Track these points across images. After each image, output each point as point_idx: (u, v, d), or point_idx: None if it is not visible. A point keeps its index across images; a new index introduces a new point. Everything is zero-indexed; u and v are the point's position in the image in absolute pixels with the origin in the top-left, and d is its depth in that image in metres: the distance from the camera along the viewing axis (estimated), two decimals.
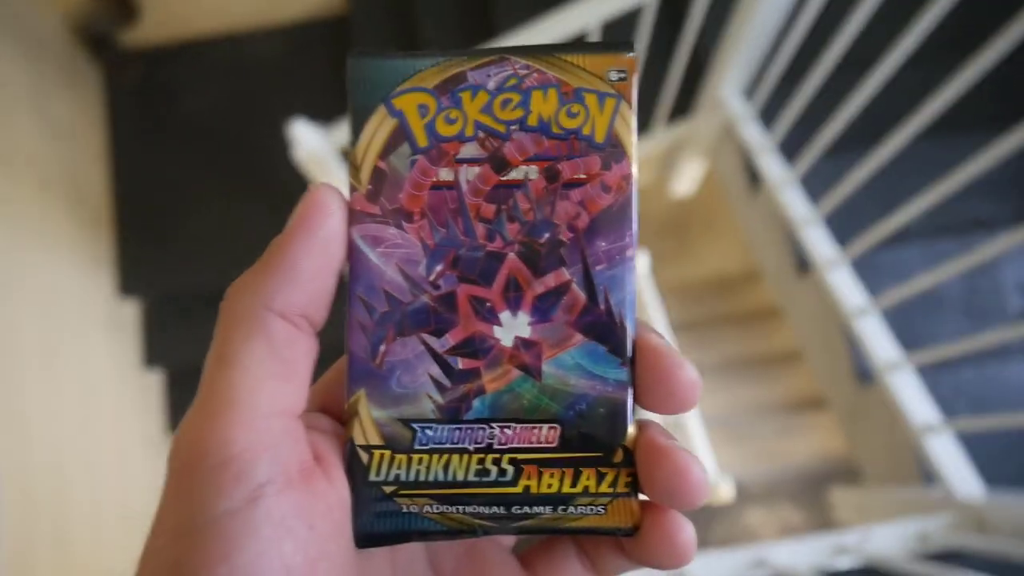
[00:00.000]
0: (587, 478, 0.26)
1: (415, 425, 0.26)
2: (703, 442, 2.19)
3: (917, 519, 1.06)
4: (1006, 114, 1.70)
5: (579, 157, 0.26)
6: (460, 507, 0.26)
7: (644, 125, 2.03)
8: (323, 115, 2.96)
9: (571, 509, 0.26)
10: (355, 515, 0.26)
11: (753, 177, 1.79)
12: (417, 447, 0.26)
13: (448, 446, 0.26)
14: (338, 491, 0.25)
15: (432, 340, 0.27)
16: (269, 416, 0.24)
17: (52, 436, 2.39)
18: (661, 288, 3.88)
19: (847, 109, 1.30)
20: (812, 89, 1.41)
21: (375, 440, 0.26)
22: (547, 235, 0.26)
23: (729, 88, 1.75)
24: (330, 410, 0.28)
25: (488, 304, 0.26)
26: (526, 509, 0.26)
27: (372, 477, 0.26)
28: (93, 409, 2.37)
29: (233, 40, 3.18)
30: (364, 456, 0.26)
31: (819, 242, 1.48)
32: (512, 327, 0.26)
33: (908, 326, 1.47)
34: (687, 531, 0.26)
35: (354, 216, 0.26)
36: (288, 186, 1.90)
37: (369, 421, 0.26)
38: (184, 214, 3.00)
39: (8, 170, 2.42)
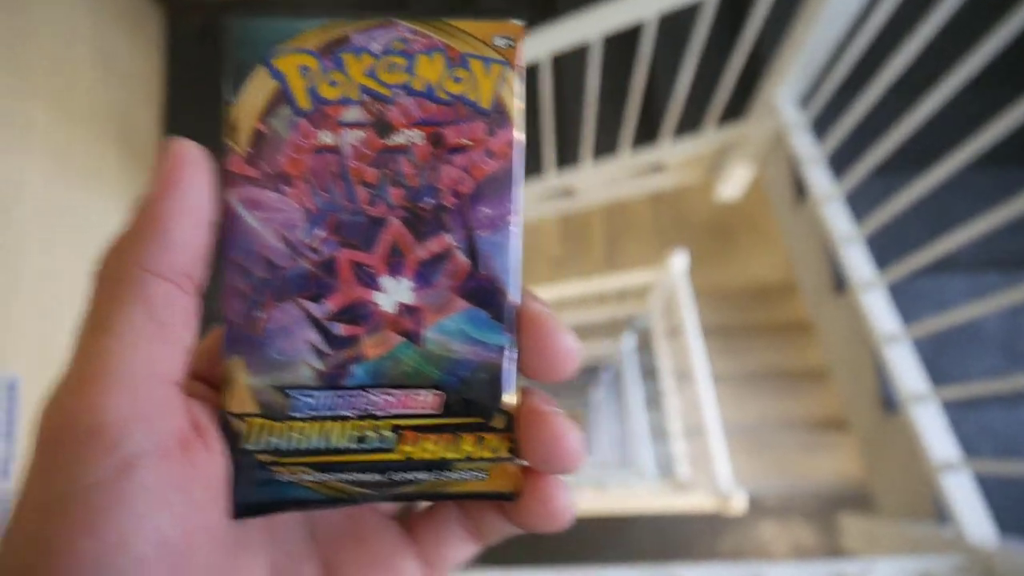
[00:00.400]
0: (468, 443, 0.26)
1: (292, 392, 0.25)
2: (721, 449, 2.17)
3: (923, 557, 1.03)
4: None
5: (464, 122, 0.25)
6: (339, 475, 0.25)
7: (695, 123, 2.01)
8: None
9: (452, 474, 0.26)
10: (231, 485, 0.25)
11: (800, 188, 1.75)
12: (294, 415, 0.25)
13: (327, 413, 0.25)
14: (217, 461, 0.24)
15: (311, 306, 0.26)
16: (145, 382, 0.22)
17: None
18: (700, 290, 3.86)
19: (901, 129, 1.26)
20: (868, 105, 1.37)
21: (250, 408, 0.25)
22: (431, 200, 0.25)
23: (784, 95, 1.70)
24: (211, 377, 0.27)
25: (370, 269, 0.25)
26: (406, 475, 0.26)
27: (247, 445, 0.25)
28: None
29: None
30: (238, 425, 0.25)
31: (858, 261, 1.44)
32: (394, 292, 0.25)
33: (942, 358, 1.42)
34: (564, 496, 0.26)
35: (232, 179, 0.25)
36: None
37: (244, 389, 0.25)
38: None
39: (62, 104, 2.46)
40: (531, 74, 1.69)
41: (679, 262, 2.63)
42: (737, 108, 1.98)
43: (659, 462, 3.57)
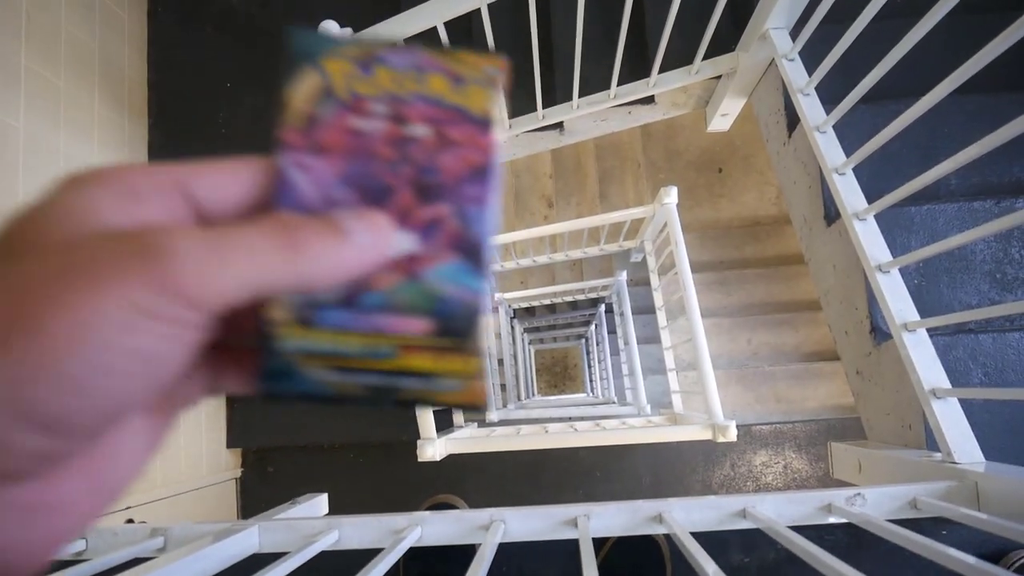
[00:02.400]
0: (450, 362, 0.32)
1: (319, 309, 0.31)
2: (712, 381, 2.20)
3: (911, 485, 1.04)
4: None
5: (460, 125, 0.33)
6: (350, 376, 0.32)
7: (686, 56, 1.98)
8: (359, 7, 2.91)
9: (436, 384, 0.33)
10: (261, 375, 0.31)
11: (791, 120, 1.73)
12: (320, 324, 0.31)
13: (346, 327, 0.32)
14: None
15: None
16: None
17: None
18: (693, 226, 3.85)
19: (890, 57, 1.23)
20: (856, 33, 1.33)
21: (286, 316, 0.31)
22: (432, 178, 0.33)
23: (775, 24, 1.67)
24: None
25: None
26: (401, 381, 0.32)
27: (280, 345, 0.31)
28: None
29: None
30: (275, 328, 0.31)
31: (849, 191, 1.43)
32: (401, 242, 0.32)
33: (933, 285, 1.43)
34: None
35: (285, 146, 0.32)
36: None
37: (283, 301, 0.31)
38: (216, 108, 2.99)
39: (49, 49, 2.42)
40: (520, 7, 1.65)
41: (670, 198, 2.61)
42: (728, 39, 1.94)
43: (654, 395, 3.60)
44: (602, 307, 4.88)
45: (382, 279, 0.32)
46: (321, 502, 1.32)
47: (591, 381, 6.30)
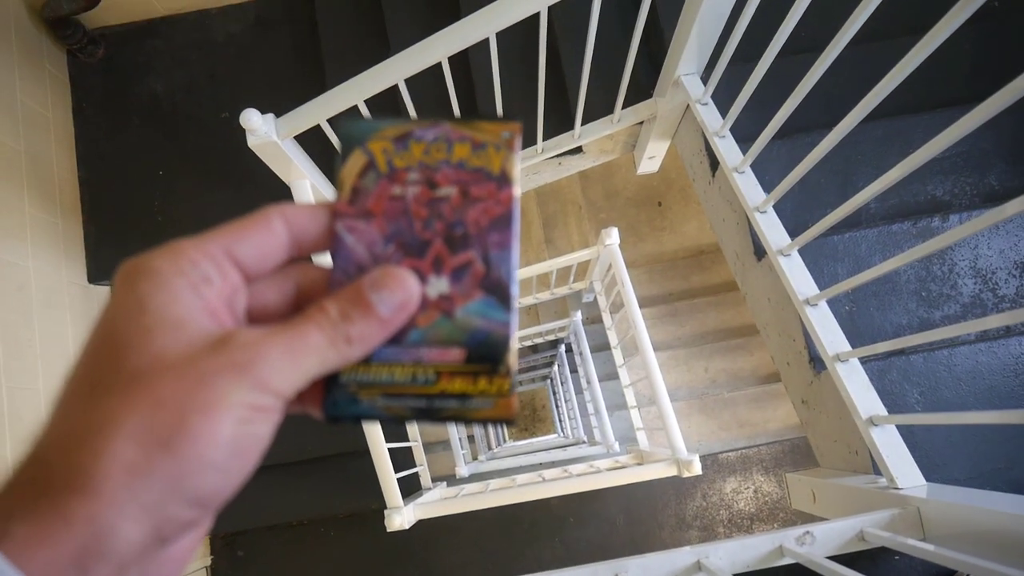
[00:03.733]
0: (482, 383, 0.38)
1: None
2: (671, 416, 2.21)
3: (857, 517, 1.06)
4: (958, 97, 1.70)
5: (483, 183, 0.40)
6: (399, 401, 0.38)
7: (606, 106, 2.03)
8: (284, 91, 2.93)
9: (471, 403, 0.38)
10: (326, 403, 0.37)
11: (713, 161, 1.78)
12: (373, 360, 0.38)
13: (393, 360, 0.38)
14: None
15: None
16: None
17: (24, 427, 2.39)
18: (639, 261, 3.90)
19: (797, 92, 1.27)
20: (763, 70, 1.38)
21: None
22: (461, 230, 0.39)
23: (685, 70, 1.72)
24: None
25: (421, 271, 0.39)
26: (441, 403, 0.38)
27: (342, 379, 0.37)
28: None
29: (194, 20, 3.11)
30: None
31: (771, 229, 1.47)
32: (436, 286, 0.39)
33: (863, 310, 1.47)
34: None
35: (338, 214, 0.39)
36: (250, 165, 1.88)
37: None
38: (150, 197, 2.96)
39: None
40: (437, 76, 1.68)
41: (611, 239, 2.65)
42: (646, 86, 2.00)
43: (621, 429, 3.61)
44: (562, 347, 4.89)
45: (422, 318, 0.39)
46: None
47: (560, 421, 6.28)
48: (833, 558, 0.99)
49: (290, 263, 0.39)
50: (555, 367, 5.61)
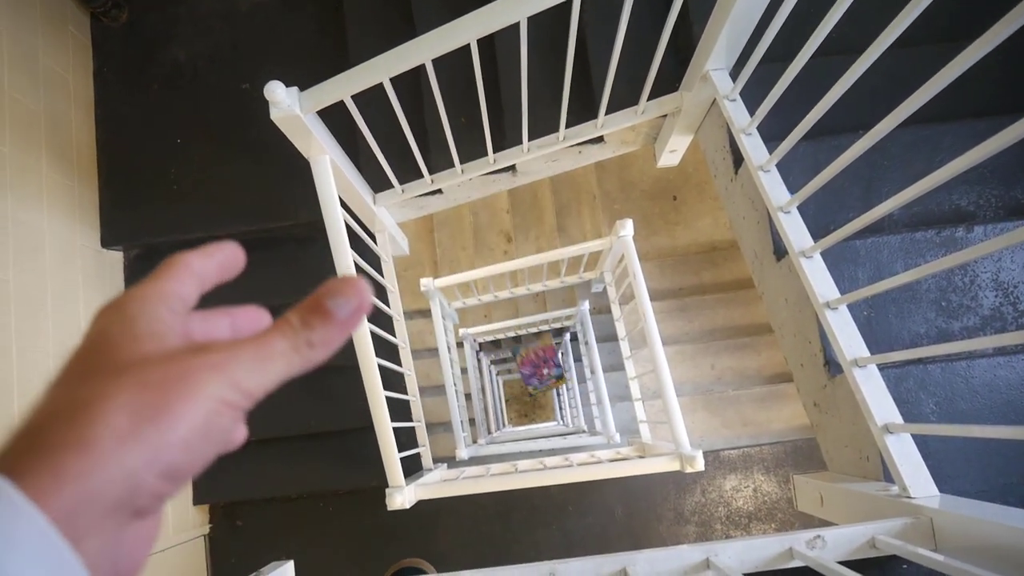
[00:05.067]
0: (557, 383, 4.89)
1: (531, 379, 1.58)
2: (677, 411, 2.21)
3: (868, 524, 1.06)
4: (988, 107, 1.68)
5: (547, 351, 4.47)
6: (543, 385, 4.95)
7: (631, 98, 2.02)
8: (306, 65, 2.91)
9: (552, 384, 4.99)
10: (529, 386, 5.13)
11: (737, 158, 1.77)
12: (539, 387, 5.02)
13: (540, 384, 1.43)
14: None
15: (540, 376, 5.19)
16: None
17: (33, 388, 2.40)
18: (651, 254, 3.90)
19: (830, 96, 1.26)
20: (795, 72, 1.37)
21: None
22: (544, 363, 4.57)
23: (714, 65, 1.71)
24: None
25: (541, 372, 4.76)
26: (547, 384, 5.07)
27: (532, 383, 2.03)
28: None
29: None
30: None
31: (794, 230, 1.46)
32: (546, 373, 4.59)
33: (882, 317, 1.46)
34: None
35: (523, 365, 1.64)
36: (269, 138, 1.87)
37: None
38: (166, 164, 2.95)
39: None
40: (464, 59, 1.67)
41: (625, 231, 2.64)
42: (672, 79, 1.98)
43: (623, 421, 3.62)
44: (567, 336, 4.90)
45: (543, 375, 4.16)
46: (287, 571, 1.30)
47: (561, 409, 6.30)
48: (842, 563, 0.99)
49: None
50: (559, 355, 5.63)
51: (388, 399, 2.00)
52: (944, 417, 1.33)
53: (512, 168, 2.39)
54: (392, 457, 2.04)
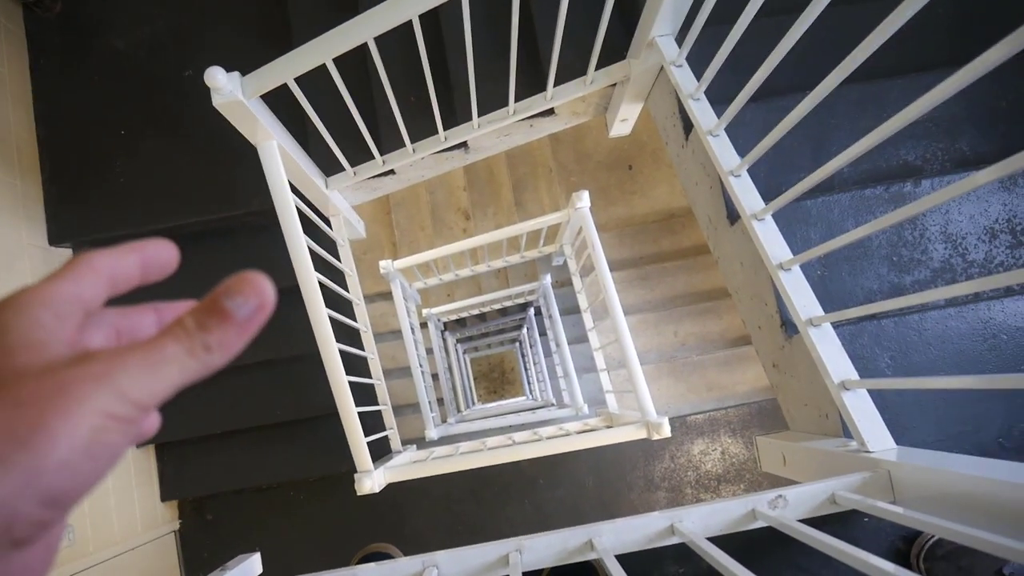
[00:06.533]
0: None
1: None
2: (641, 379, 2.23)
3: (828, 480, 1.07)
4: (934, 60, 1.70)
5: None
6: None
7: (581, 67, 2.00)
8: (251, 49, 2.84)
9: None
10: None
11: (687, 124, 1.76)
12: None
13: None
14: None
15: None
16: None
17: None
18: (609, 224, 3.90)
19: (774, 55, 1.26)
20: (739, 32, 1.36)
21: None
22: None
23: (660, 31, 1.70)
24: None
25: None
26: None
27: None
28: None
29: None
30: None
31: (745, 192, 1.47)
32: None
33: (835, 274, 1.47)
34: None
35: None
36: (217, 125, 1.82)
37: None
38: (112, 157, 2.86)
39: None
40: (407, 36, 1.63)
41: (582, 203, 2.64)
42: (619, 48, 1.97)
43: (591, 392, 3.64)
44: (531, 310, 4.90)
45: None
46: (253, 564, 1.28)
47: (529, 384, 6.32)
48: (804, 521, 1.00)
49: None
50: (524, 330, 5.62)
51: (352, 384, 1.98)
52: (899, 371, 1.34)
53: (464, 145, 2.36)
54: (359, 442, 2.03)
